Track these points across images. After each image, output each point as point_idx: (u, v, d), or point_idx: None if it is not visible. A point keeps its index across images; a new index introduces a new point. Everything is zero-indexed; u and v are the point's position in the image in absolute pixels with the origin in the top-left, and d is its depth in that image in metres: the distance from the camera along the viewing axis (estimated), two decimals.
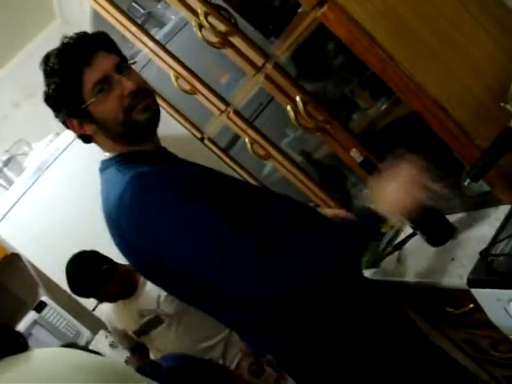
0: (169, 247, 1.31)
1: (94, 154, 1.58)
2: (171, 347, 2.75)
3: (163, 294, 2.72)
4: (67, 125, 1.47)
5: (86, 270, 2.63)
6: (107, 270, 2.62)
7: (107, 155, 1.48)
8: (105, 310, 3.00)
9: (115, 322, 2.97)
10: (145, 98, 1.42)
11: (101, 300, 2.83)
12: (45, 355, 0.94)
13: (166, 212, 1.28)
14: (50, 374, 0.85)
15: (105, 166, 1.47)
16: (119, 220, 1.36)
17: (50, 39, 4.11)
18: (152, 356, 2.93)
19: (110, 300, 2.83)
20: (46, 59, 1.42)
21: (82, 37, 1.42)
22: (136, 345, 2.99)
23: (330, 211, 1.79)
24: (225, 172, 1.60)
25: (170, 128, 1.60)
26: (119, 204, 1.33)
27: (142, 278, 2.81)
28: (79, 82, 1.37)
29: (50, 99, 1.44)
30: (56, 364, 0.88)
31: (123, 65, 1.43)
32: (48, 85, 1.42)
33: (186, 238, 1.28)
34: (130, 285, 2.78)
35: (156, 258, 1.35)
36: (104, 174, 1.46)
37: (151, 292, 2.78)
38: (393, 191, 1.39)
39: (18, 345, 0.92)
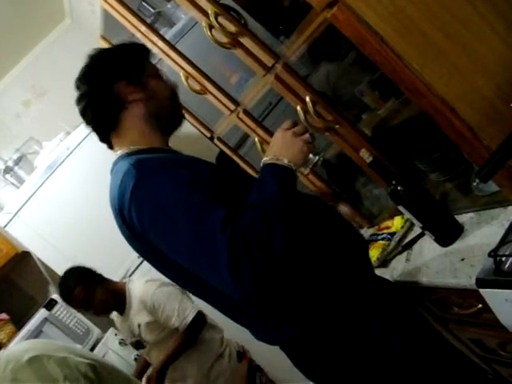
0: (161, 234, 1.33)
1: (104, 153, 1.61)
2: None
3: (143, 322, 2.88)
4: (110, 90, 1.53)
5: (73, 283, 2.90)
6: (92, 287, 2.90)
7: (118, 153, 1.53)
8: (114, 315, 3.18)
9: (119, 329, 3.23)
10: None
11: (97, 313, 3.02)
12: None
13: (160, 199, 1.31)
14: None
15: (114, 164, 1.52)
16: (121, 204, 1.39)
17: (60, 39, 4.15)
18: None
19: (100, 312, 3.03)
20: (106, 49, 1.68)
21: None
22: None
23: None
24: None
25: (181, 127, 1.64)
26: (120, 188, 1.38)
27: (126, 303, 2.95)
28: (145, 58, 1.62)
29: (106, 67, 1.56)
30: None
31: None
32: (107, 57, 1.58)
33: (172, 228, 1.29)
34: (118, 303, 2.98)
35: (153, 243, 1.37)
36: (113, 171, 1.50)
37: (134, 318, 2.93)
38: (275, 139, 1.49)
39: None
